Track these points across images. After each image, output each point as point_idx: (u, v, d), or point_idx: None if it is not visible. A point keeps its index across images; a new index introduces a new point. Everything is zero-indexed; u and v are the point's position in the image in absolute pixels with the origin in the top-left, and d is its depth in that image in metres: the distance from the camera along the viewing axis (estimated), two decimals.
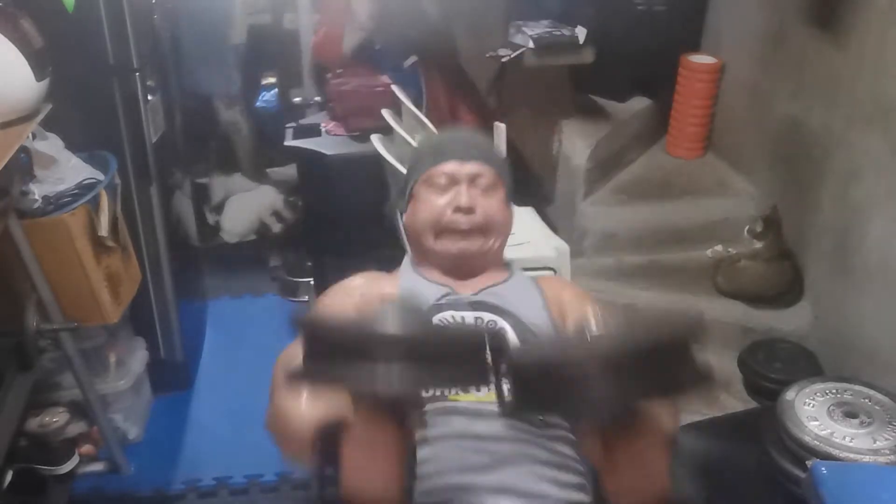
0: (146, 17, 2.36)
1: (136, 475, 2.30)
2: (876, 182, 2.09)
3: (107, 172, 2.11)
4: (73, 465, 2.15)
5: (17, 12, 1.83)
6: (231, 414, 2.50)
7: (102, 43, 2.14)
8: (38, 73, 1.80)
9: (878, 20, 2.07)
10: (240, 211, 3.55)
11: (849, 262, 2.20)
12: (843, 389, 1.82)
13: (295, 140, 2.81)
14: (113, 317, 2.10)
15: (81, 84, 2.12)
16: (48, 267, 1.94)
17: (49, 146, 2.06)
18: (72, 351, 2.05)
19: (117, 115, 2.23)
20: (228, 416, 2.50)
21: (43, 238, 1.92)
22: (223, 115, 3.54)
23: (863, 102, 2.14)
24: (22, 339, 1.86)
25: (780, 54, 2.61)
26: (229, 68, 3.42)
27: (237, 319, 3.02)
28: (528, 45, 2.57)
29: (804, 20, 2.43)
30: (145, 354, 2.44)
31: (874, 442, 1.66)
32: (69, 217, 1.94)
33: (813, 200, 2.40)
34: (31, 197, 1.93)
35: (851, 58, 2.19)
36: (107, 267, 2.07)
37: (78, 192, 2.00)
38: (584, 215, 2.75)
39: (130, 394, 2.37)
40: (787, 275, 2.48)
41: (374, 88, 2.66)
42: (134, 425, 2.42)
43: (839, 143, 2.26)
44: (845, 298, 2.22)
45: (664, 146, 3.13)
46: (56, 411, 2.17)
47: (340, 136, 2.76)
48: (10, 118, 1.80)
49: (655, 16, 2.93)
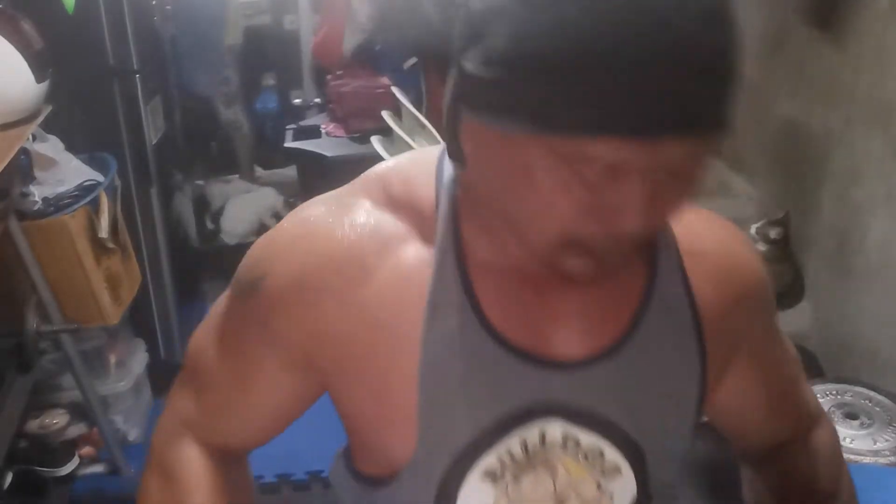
0: (146, 18, 2.36)
1: (136, 476, 2.28)
2: (876, 183, 2.09)
3: (107, 174, 2.11)
4: (74, 466, 2.15)
5: (18, 14, 1.83)
6: None
7: (102, 45, 2.14)
8: (39, 75, 1.80)
9: (877, 20, 2.07)
10: (240, 212, 3.55)
11: (849, 263, 2.20)
12: (843, 391, 1.81)
13: (295, 141, 2.82)
14: (113, 318, 2.10)
15: (82, 86, 2.13)
16: (48, 268, 1.94)
17: (49, 148, 2.06)
18: (72, 352, 2.05)
19: (117, 116, 2.23)
20: None
21: (43, 239, 1.92)
22: (223, 117, 3.54)
23: (863, 103, 2.14)
24: (22, 340, 1.86)
25: (779, 55, 2.61)
26: (229, 70, 3.42)
27: None
28: None
29: (804, 21, 2.43)
30: (145, 356, 2.44)
31: (875, 443, 1.66)
32: (69, 218, 1.94)
33: (813, 201, 2.40)
34: (32, 198, 1.93)
35: (851, 58, 2.19)
36: (107, 268, 2.07)
37: (78, 193, 2.00)
38: None
39: (131, 395, 2.37)
40: (787, 276, 2.48)
41: (375, 90, 2.66)
42: (134, 427, 2.41)
43: (839, 143, 2.26)
44: (846, 299, 2.22)
45: None
46: (56, 413, 2.16)
47: (340, 137, 2.76)
48: (10, 120, 1.79)
49: None
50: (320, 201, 0.72)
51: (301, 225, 0.71)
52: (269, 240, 0.73)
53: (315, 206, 0.72)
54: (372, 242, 0.67)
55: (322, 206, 0.71)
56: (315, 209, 0.71)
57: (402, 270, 0.66)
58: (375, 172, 0.72)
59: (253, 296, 0.70)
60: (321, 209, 0.71)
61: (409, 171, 0.71)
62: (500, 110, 0.54)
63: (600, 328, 0.68)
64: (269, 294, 0.69)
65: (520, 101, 0.53)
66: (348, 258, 0.67)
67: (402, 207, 0.68)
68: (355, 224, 0.68)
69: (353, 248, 0.67)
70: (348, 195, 0.71)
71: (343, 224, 0.68)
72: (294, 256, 0.68)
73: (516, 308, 0.66)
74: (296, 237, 0.70)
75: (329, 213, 0.70)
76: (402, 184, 0.70)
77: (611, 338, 0.67)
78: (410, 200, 0.68)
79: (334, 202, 0.71)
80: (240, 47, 3.50)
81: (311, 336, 0.68)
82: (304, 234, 0.69)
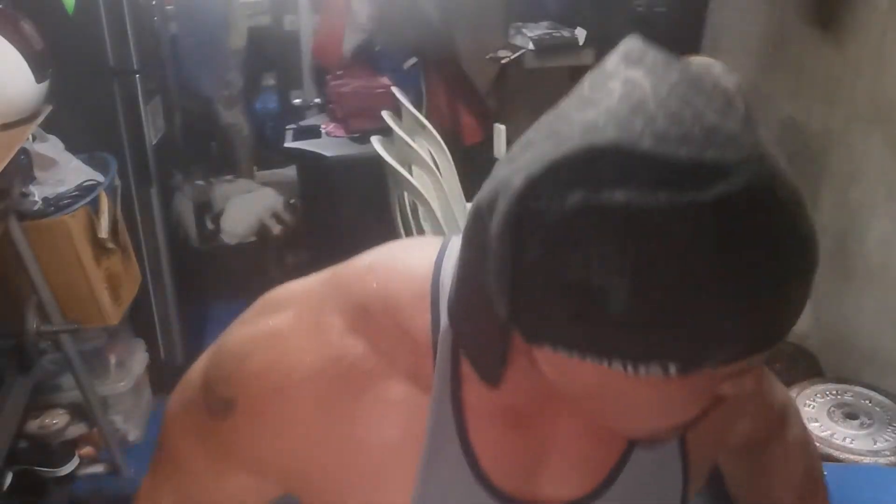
0: (146, 18, 2.36)
1: (136, 477, 2.30)
2: (876, 183, 2.09)
3: (107, 174, 2.11)
4: (73, 466, 2.15)
5: (18, 14, 1.83)
6: None
7: (102, 45, 2.14)
8: (39, 75, 1.80)
9: (877, 21, 2.07)
10: (240, 213, 3.55)
11: (849, 263, 2.20)
12: (843, 391, 1.82)
13: (295, 142, 2.82)
14: (113, 318, 2.10)
15: (81, 86, 2.12)
16: (48, 268, 1.94)
17: (49, 148, 2.06)
18: (72, 352, 2.05)
19: (117, 116, 2.23)
20: None
21: (43, 240, 1.92)
22: (223, 117, 3.54)
23: (863, 103, 2.14)
24: (22, 340, 1.86)
25: (779, 55, 2.61)
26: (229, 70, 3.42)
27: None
28: (527, 47, 2.58)
29: (804, 21, 2.43)
30: (145, 356, 2.44)
31: (874, 443, 1.66)
32: (69, 219, 1.94)
33: (813, 201, 2.40)
34: (32, 198, 1.93)
35: (851, 58, 2.19)
36: (107, 268, 2.07)
37: (78, 193, 2.00)
38: None
39: (130, 395, 2.37)
40: None
41: (374, 90, 2.67)
42: (134, 427, 2.41)
43: (839, 143, 2.26)
44: (846, 300, 2.22)
45: None
46: (56, 413, 2.16)
47: (340, 137, 2.77)
48: (10, 120, 1.79)
49: (655, 17, 2.93)
50: (290, 306, 0.65)
51: (272, 340, 0.64)
52: (240, 351, 0.65)
53: (284, 313, 0.65)
54: (351, 373, 0.61)
55: (292, 318, 0.64)
56: (285, 320, 0.64)
57: (386, 409, 0.61)
58: (351, 280, 0.64)
59: (226, 417, 0.65)
60: (291, 322, 0.64)
61: (396, 292, 0.62)
62: (627, 356, 0.49)
63: (593, 465, 0.66)
64: (241, 422, 0.64)
65: (657, 349, 0.48)
66: (326, 388, 0.61)
67: (382, 333, 0.61)
68: (330, 349, 0.61)
69: (329, 377, 0.61)
70: (318, 307, 0.63)
71: (317, 348, 0.61)
72: (267, 381, 0.62)
73: (510, 454, 0.63)
74: (269, 356, 0.63)
75: (301, 329, 0.63)
76: (386, 308, 0.61)
77: (602, 473, 0.66)
78: (396, 327, 0.61)
79: (306, 313, 0.64)
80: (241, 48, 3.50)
81: (286, 459, 0.64)
82: (278, 356, 0.63)
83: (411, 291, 0.62)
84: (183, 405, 0.70)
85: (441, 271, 0.62)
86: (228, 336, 0.68)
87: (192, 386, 0.69)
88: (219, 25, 3.29)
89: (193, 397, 0.69)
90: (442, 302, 0.61)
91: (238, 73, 3.47)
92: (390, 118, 2.44)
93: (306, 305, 0.64)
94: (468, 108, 2.69)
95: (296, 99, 3.39)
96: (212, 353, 0.69)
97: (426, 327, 0.61)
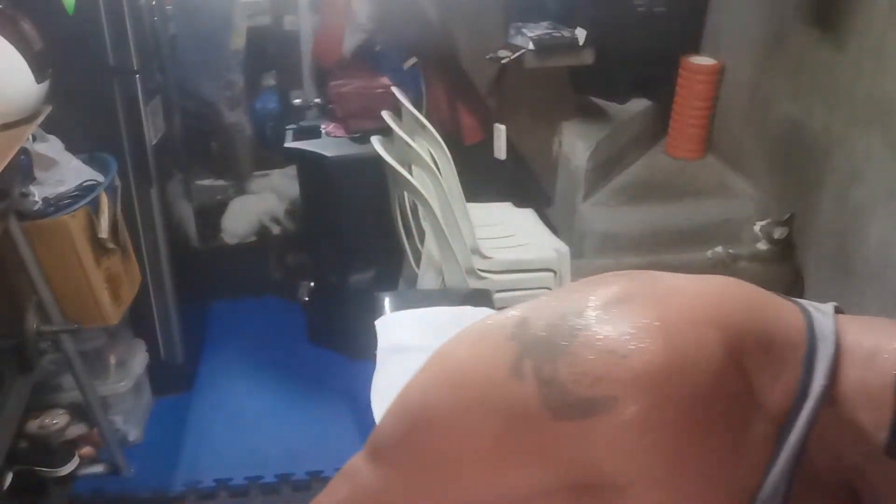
0: (146, 18, 2.36)
1: (136, 477, 2.30)
2: (876, 183, 2.09)
3: (107, 174, 2.11)
4: (73, 466, 2.15)
5: (17, 14, 1.83)
6: (231, 416, 2.49)
7: (102, 45, 2.14)
8: (39, 75, 1.80)
9: (877, 21, 2.07)
10: (240, 213, 3.54)
11: (849, 263, 2.20)
12: None
13: (295, 142, 2.82)
14: (113, 318, 2.10)
15: (81, 86, 2.12)
16: (48, 269, 1.94)
17: (49, 148, 2.06)
18: (72, 353, 2.05)
19: (117, 116, 2.23)
20: (228, 418, 2.49)
21: (43, 240, 1.92)
22: (223, 117, 3.54)
23: (862, 103, 2.14)
24: (22, 340, 1.86)
25: (779, 55, 2.61)
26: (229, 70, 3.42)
27: (237, 321, 3.01)
28: (527, 47, 2.58)
29: (804, 21, 2.43)
30: (145, 356, 2.44)
31: None
32: (69, 219, 1.94)
33: (813, 201, 2.40)
34: (32, 199, 1.93)
35: (851, 59, 2.19)
36: (107, 269, 2.07)
37: (78, 193, 2.00)
38: (584, 217, 2.75)
39: (130, 396, 2.37)
40: (787, 276, 2.48)
41: (375, 90, 2.66)
42: (134, 427, 2.42)
43: (839, 143, 2.26)
44: (846, 300, 2.22)
45: (664, 147, 3.14)
46: (56, 413, 2.16)
47: (340, 137, 2.76)
48: (10, 120, 1.79)
49: (655, 17, 2.93)
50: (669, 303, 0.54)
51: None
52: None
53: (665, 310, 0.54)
54: (733, 406, 0.52)
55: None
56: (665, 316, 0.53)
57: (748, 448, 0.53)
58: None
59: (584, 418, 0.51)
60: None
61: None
62: None
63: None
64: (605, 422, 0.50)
65: None
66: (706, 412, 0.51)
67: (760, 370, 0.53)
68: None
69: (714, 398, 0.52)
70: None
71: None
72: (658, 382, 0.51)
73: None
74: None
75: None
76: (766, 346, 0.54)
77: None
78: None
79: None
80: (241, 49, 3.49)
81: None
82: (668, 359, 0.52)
83: (794, 354, 0.55)
84: (480, 403, 0.54)
85: (821, 350, 0.55)
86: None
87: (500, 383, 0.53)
88: (219, 25, 3.28)
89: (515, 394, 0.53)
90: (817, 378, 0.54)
91: (237, 72, 3.46)
92: (390, 118, 2.44)
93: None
94: (468, 108, 2.69)
95: (296, 99, 3.39)
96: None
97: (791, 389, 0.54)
